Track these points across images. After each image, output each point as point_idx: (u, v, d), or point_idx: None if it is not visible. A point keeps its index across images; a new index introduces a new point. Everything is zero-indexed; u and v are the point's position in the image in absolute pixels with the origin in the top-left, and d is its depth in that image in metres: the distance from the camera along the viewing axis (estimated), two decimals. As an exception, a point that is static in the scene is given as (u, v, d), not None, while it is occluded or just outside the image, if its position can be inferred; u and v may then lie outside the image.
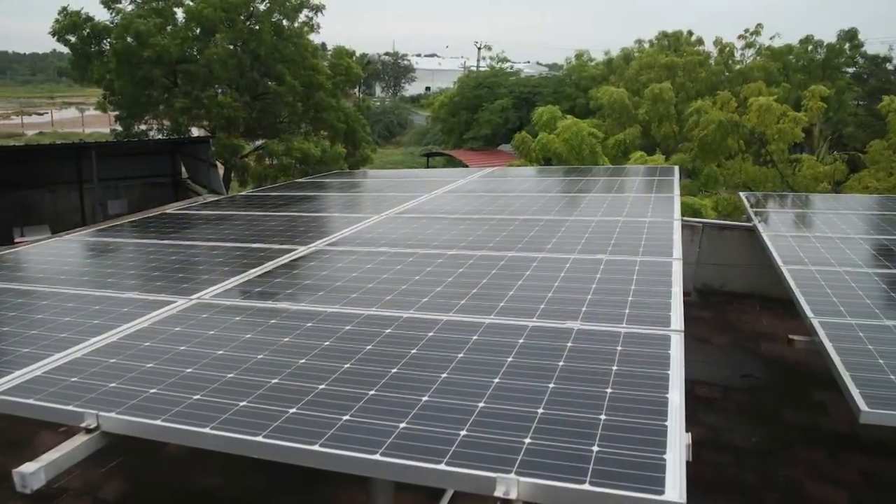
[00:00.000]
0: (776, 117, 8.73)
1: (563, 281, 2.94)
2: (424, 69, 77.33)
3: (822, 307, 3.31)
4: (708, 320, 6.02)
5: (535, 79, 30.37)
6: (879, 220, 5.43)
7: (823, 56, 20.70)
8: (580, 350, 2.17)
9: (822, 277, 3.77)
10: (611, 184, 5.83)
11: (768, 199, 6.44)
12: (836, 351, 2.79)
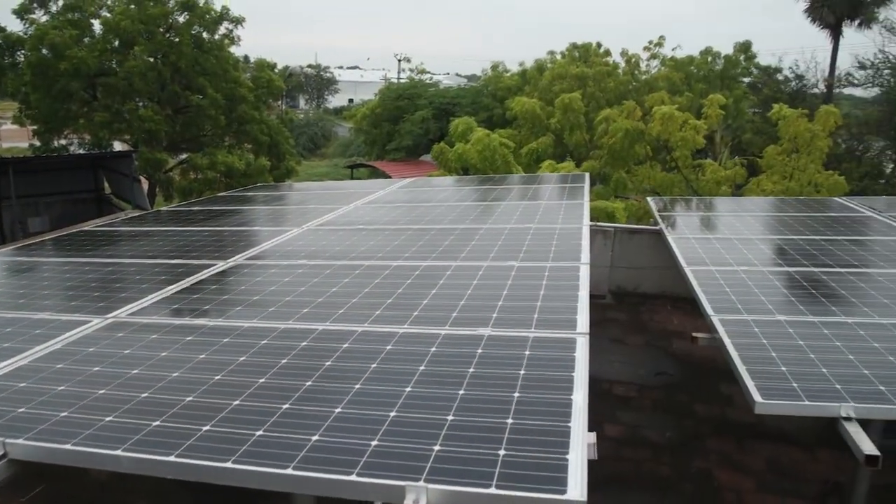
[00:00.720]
0: (679, 125, 9.17)
1: (476, 288, 3.00)
2: (347, 81, 77.01)
3: (721, 305, 3.49)
4: (623, 321, 6.23)
5: (454, 90, 30.73)
6: (774, 221, 5.77)
7: (722, 67, 21.91)
8: (490, 356, 2.24)
9: (722, 277, 3.98)
10: (524, 192, 5.97)
11: (674, 203, 6.73)
12: (734, 346, 2.95)
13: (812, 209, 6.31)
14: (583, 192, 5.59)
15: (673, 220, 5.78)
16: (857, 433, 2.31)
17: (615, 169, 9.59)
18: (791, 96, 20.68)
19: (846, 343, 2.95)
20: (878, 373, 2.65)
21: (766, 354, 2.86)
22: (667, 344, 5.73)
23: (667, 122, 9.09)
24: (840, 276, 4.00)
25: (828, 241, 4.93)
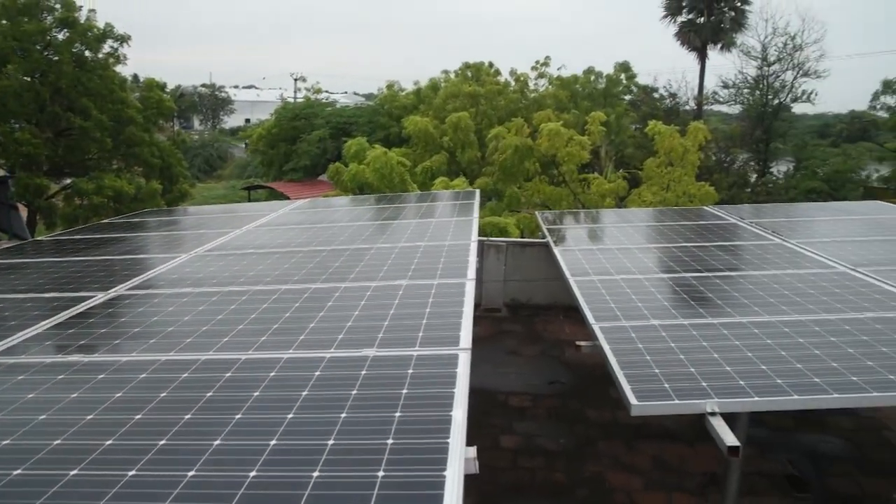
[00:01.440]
0: (565, 141, 9.55)
1: (363, 309, 3.02)
2: (243, 101, 75.18)
3: (602, 313, 3.66)
4: (518, 333, 6.41)
5: (351, 109, 30.66)
6: (652, 231, 6.10)
7: (604, 85, 23.04)
8: (374, 377, 2.26)
9: (603, 286, 4.18)
10: (416, 210, 6.04)
11: (562, 217, 7.00)
12: (613, 352, 3.10)
13: (686, 218, 6.71)
14: (473, 208, 5.71)
15: (560, 233, 6.00)
16: (721, 426, 2.48)
17: (507, 185, 9.86)
18: (667, 113, 21.98)
19: (712, 343, 3.16)
20: (740, 369, 2.86)
21: (642, 358, 3.02)
22: (560, 353, 5.93)
23: (554, 139, 9.45)
24: (708, 280, 4.28)
25: (698, 248, 5.26)
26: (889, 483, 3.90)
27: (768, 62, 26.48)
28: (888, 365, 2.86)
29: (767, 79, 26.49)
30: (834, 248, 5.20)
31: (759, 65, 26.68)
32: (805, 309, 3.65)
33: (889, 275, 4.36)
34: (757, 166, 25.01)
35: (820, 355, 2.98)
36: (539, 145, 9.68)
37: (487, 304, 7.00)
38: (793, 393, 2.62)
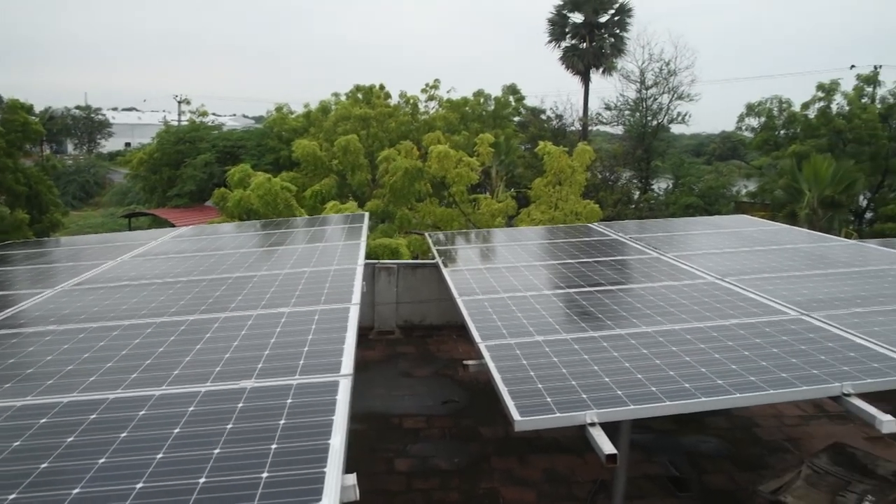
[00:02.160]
0: (454, 163, 9.71)
1: (243, 339, 2.93)
2: (123, 124, 71.64)
3: (488, 332, 3.71)
4: (411, 355, 6.40)
5: (238, 132, 29.89)
6: (540, 249, 6.26)
7: (493, 107, 23.67)
8: (251, 409, 2.19)
9: (490, 304, 4.24)
10: (303, 235, 5.95)
11: (452, 237, 7.08)
12: (498, 369, 3.15)
13: (572, 235, 6.94)
14: (361, 231, 5.68)
15: (449, 254, 6.06)
16: (600, 436, 2.56)
17: (398, 206, 9.90)
18: (554, 133, 22.86)
19: (592, 355, 3.26)
20: (618, 379, 2.96)
21: (526, 374, 3.08)
22: (454, 372, 5.96)
23: (443, 160, 9.58)
24: (590, 295, 4.43)
25: (582, 265, 5.45)
26: (757, 475, 4.14)
27: (646, 86, 28.05)
28: (749, 367, 3.05)
29: (646, 101, 28.04)
30: (704, 260, 5.52)
31: (638, 88, 28.22)
32: (678, 318, 3.84)
33: (751, 283, 4.67)
34: (639, 183, 26.35)
35: (690, 362, 3.14)
36: (429, 167, 9.79)
37: (381, 327, 6.97)
38: (665, 399, 2.74)
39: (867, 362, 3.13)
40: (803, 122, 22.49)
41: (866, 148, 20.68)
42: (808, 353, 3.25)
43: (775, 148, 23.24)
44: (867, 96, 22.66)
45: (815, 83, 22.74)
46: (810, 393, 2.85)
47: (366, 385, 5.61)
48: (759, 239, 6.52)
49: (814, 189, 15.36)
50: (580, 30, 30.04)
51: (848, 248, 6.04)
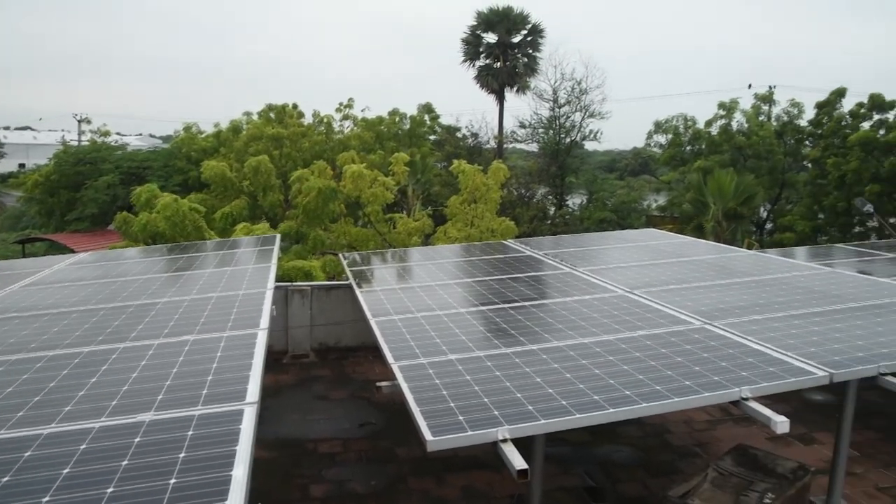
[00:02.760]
0: (369, 182, 9.67)
1: (143, 370, 2.79)
2: (16, 144, 67.70)
3: (401, 352, 3.68)
4: (327, 378, 6.28)
5: (144, 153, 28.77)
6: (455, 267, 6.29)
7: (409, 126, 23.81)
8: (149, 444, 2.08)
9: (404, 324, 4.22)
10: (212, 259, 5.77)
11: (367, 257, 7.02)
12: (410, 390, 3.12)
13: (487, 253, 7.01)
14: (272, 254, 5.56)
15: (363, 274, 6.01)
16: (511, 452, 2.57)
17: (312, 227, 9.76)
18: (470, 151, 23.18)
19: (504, 372, 3.29)
20: (529, 394, 2.99)
21: (438, 394, 3.07)
22: (370, 394, 5.89)
23: (357, 180, 9.53)
24: (504, 312, 4.48)
25: (496, 281, 5.50)
26: (669, 480, 4.26)
27: (559, 104, 28.88)
28: (655, 377, 3.14)
29: (559, 119, 28.85)
30: (615, 274, 5.68)
31: (551, 106, 29.03)
32: (588, 332, 3.92)
33: (658, 295, 4.83)
34: (555, 199, 27.00)
35: (599, 374, 3.21)
36: (343, 187, 9.72)
37: (295, 351, 6.82)
38: (575, 412, 2.78)
39: (763, 367, 3.27)
40: (707, 139, 23.62)
41: (764, 163, 21.91)
42: (710, 360, 3.38)
43: (682, 163, 24.28)
44: (764, 114, 24.05)
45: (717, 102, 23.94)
46: (712, 399, 2.96)
47: (279, 411, 5.47)
48: (667, 251, 6.77)
49: (718, 202, 16.11)
50: (494, 49, 30.63)
51: (749, 258, 6.35)
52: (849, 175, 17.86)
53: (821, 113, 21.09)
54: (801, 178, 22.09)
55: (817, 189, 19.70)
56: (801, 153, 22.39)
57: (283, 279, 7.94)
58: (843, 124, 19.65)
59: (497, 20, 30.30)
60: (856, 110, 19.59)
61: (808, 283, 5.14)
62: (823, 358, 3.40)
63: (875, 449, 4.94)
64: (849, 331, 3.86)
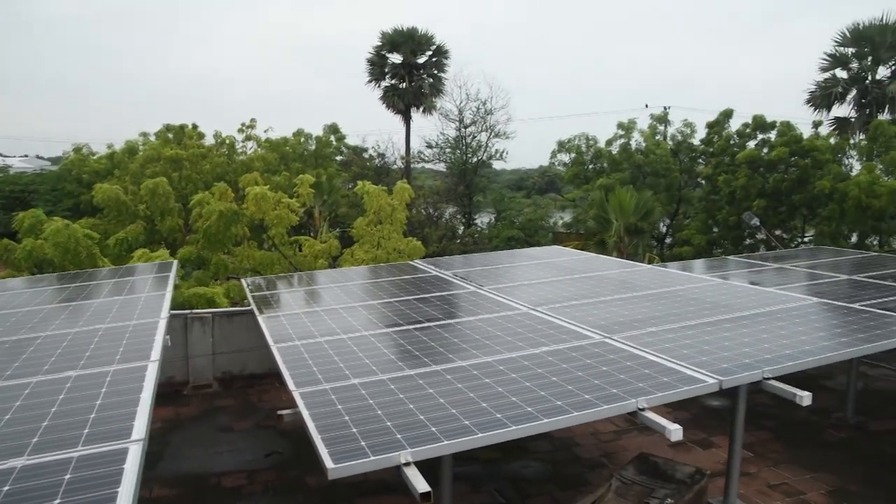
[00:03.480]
0: (273, 204, 9.47)
1: (17, 411, 2.60)
2: None
3: (303, 378, 3.59)
4: (231, 408, 6.06)
5: (29, 175, 27.14)
6: (360, 289, 6.22)
7: (315, 147, 23.56)
8: (20, 492, 1.92)
9: (306, 350, 4.12)
10: (104, 287, 5.48)
11: (271, 282, 6.85)
12: (311, 417, 3.04)
13: (393, 274, 6.98)
14: (168, 281, 5.33)
15: (267, 299, 5.85)
16: (414, 476, 2.54)
17: (214, 252, 9.44)
18: (377, 171, 23.16)
19: (408, 394, 3.25)
20: (433, 416, 2.97)
21: (341, 419, 3.00)
22: (277, 422, 5.71)
23: (261, 202, 9.31)
24: (409, 333, 4.45)
25: (401, 303, 5.47)
26: (578, 492, 4.33)
27: (465, 124, 29.31)
28: (556, 392, 3.18)
29: (465, 139, 29.27)
30: (519, 292, 5.76)
31: (457, 126, 29.41)
32: (492, 350, 3.95)
33: (561, 311, 4.93)
34: (463, 218, 27.30)
35: (503, 392, 3.23)
36: (246, 210, 9.48)
37: (196, 381, 6.55)
38: (478, 431, 2.77)
39: (659, 377, 3.38)
40: (608, 157, 24.49)
41: (662, 180, 22.91)
42: (609, 373, 3.46)
43: (585, 181, 25.06)
44: (660, 134, 25.19)
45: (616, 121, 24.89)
46: (610, 412, 3.02)
47: (180, 445, 5.23)
48: (570, 268, 6.93)
49: (619, 218, 16.69)
50: (399, 70, 30.78)
51: (648, 272, 6.59)
52: (738, 191, 18.90)
53: (711, 132, 22.28)
54: (696, 194, 23.22)
55: (711, 204, 20.75)
56: (695, 170, 23.55)
57: (182, 307, 7.63)
58: (732, 143, 20.81)
59: (402, 41, 30.51)
60: (742, 130, 20.79)
61: (701, 294, 5.37)
62: (714, 366, 3.54)
63: (766, 448, 5.19)
64: (737, 339, 4.05)
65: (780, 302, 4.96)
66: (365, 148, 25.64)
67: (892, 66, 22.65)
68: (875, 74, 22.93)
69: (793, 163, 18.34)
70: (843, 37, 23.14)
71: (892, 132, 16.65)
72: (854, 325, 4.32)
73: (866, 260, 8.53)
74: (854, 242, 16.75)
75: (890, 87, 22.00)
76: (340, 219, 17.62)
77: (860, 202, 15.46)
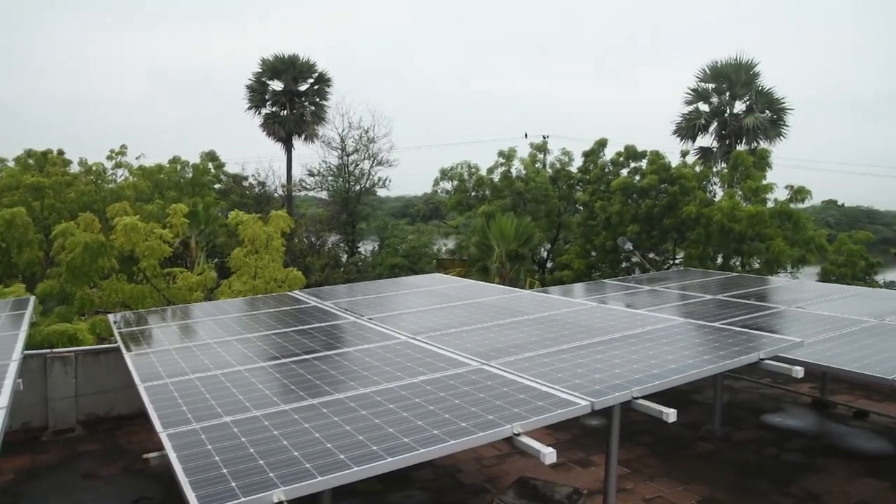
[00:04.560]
0: (144, 235, 9.01)
1: None
2: None
3: (172, 418, 3.41)
4: (96, 452, 5.67)
5: None
6: (234, 322, 6.01)
7: (192, 174, 22.72)
8: None
9: (176, 388, 3.93)
10: (-55, 329, 5.00)
11: (141, 317, 6.50)
12: (179, 459, 2.89)
13: (270, 306, 6.80)
14: (22, 320, 4.94)
15: (135, 335, 5.54)
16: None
17: (78, 286, 8.84)
18: (257, 200, 22.59)
19: (282, 430, 3.16)
20: (307, 451, 2.89)
21: (211, 460, 2.87)
22: (144, 466, 5.39)
23: (130, 233, 8.83)
24: (284, 367, 4.34)
25: (278, 335, 5.34)
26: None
27: (347, 152, 29.18)
28: (433, 421, 3.19)
29: (348, 167, 29.14)
30: (399, 320, 5.76)
31: (339, 154, 29.22)
32: (370, 381, 3.91)
33: (440, 339, 4.96)
34: (347, 247, 27.07)
35: (380, 424, 3.20)
36: (115, 241, 8.95)
37: (57, 426, 6.08)
38: (353, 465, 2.73)
39: (534, 402, 3.46)
40: (490, 185, 25.10)
41: (542, 206, 23.73)
42: (486, 400, 3.51)
43: (468, 208, 25.53)
44: (539, 162, 26.11)
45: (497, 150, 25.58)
46: (486, 438, 3.06)
47: (36, 497, 4.82)
48: (452, 295, 7.01)
49: (501, 244, 17.10)
50: (280, 97, 30.31)
51: (528, 297, 6.77)
52: (613, 216, 19.87)
53: (587, 161, 23.37)
54: (575, 220, 24.18)
55: (588, 229, 21.67)
56: (573, 197, 24.54)
57: (41, 346, 7.08)
58: (606, 171, 21.89)
59: (283, 68, 30.13)
60: (616, 158, 21.94)
61: (576, 318, 5.57)
62: (586, 388, 3.67)
63: (643, 464, 5.42)
64: (609, 360, 4.21)
65: (650, 323, 5.22)
66: (245, 176, 24.99)
67: (746, 101, 24.71)
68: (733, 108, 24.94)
69: (663, 189, 19.54)
70: (704, 73, 25.07)
71: (750, 162, 18.12)
72: (716, 342, 4.61)
73: (729, 280, 9.18)
74: (720, 263, 17.97)
75: (746, 120, 23.99)
76: (219, 249, 17.02)
77: (723, 226, 16.67)
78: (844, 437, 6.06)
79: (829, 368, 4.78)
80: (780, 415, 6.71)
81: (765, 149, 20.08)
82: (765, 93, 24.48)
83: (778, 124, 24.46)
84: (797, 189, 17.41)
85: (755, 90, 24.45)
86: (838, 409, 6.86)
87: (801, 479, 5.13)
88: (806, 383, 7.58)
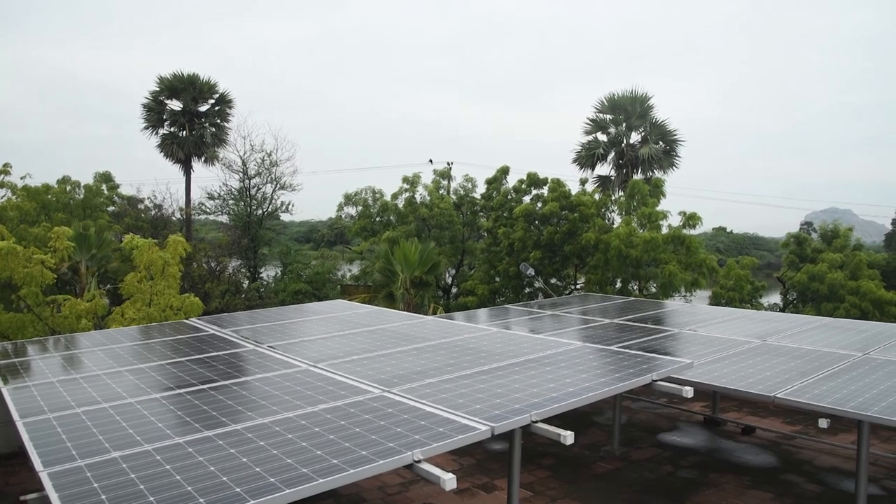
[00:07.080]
0: (23, 261, 8.48)
1: None
2: None
3: (54, 456, 3.23)
4: (-35, 497, 5.25)
5: None
6: (125, 352, 5.75)
7: (83, 196, 21.63)
8: None
9: (59, 423, 3.72)
10: None
11: (23, 347, 6.11)
12: (60, 499, 2.73)
13: (165, 334, 6.55)
14: None
15: (14, 368, 5.20)
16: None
17: (-56, 318, 8.19)
18: (153, 224, 21.72)
19: (175, 464, 3.05)
20: (201, 486, 2.80)
21: (96, 499, 2.73)
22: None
23: (7, 258, 8.27)
24: (179, 398, 4.19)
25: (173, 364, 5.15)
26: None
27: (249, 176, 28.55)
28: (333, 451, 3.16)
29: (250, 191, 28.49)
30: (300, 348, 5.68)
31: (241, 178, 28.55)
32: (269, 411, 3.84)
33: (341, 366, 4.93)
34: (248, 272, 26.38)
35: (277, 454, 3.14)
36: (-9, 267, 8.36)
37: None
38: (249, 498, 2.66)
39: (435, 428, 3.49)
40: (394, 210, 25.19)
41: (446, 232, 24.01)
42: (387, 427, 3.51)
43: (373, 234, 25.49)
44: (443, 188, 26.46)
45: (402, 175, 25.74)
46: (386, 466, 3.06)
47: None
48: (355, 322, 6.98)
49: (405, 270, 17.12)
50: (179, 118, 29.42)
51: (432, 323, 6.81)
52: (516, 243, 20.34)
53: (490, 188, 23.87)
54: (479, 246, 24.57)
55: (492, 255, 22.06)
56: (476, 223, 24.98)
57: None
58: (509, 198, 22.43)
59: (182, 87, 29.29)
60: (518, 186, 22.52)
61: (478, 343, 5.66)
62: (486, 413, 3.73)
63: (545, 486, 5.53)
64: (509, 385, 4.30)
65: (550, 347, 5.37)
66: (141, 198, 23.98)
67: (642, 132, 26.01)
68: (629, 139, 26.17)
69: (564, 216, 20.19)
70: (602, 104, 26.24)
71: (646, 190, 19.03)
72: (612, 365, 4.79)
73: (627, 304, 9.55)
74: (618, 288, 18.68)
75: (641, 151, 25.21)
76: (112, 274, 16.21)
77: (621, 252, 17.39)
78: (733, 452, 6.40)
79: (718, 388, 5.06)
80: (675, 433, 7.01)
81: (659, 178, 21.16)
82: (659, 125, 25.89)
83: (671, 155, 25.89)
84: (689, 215, 18.42)
85: (650, 122, 25.81)
86: (728, 426, 7.24)
87: (695, 494, 5.37)
88: (699, 402, 7.98)
